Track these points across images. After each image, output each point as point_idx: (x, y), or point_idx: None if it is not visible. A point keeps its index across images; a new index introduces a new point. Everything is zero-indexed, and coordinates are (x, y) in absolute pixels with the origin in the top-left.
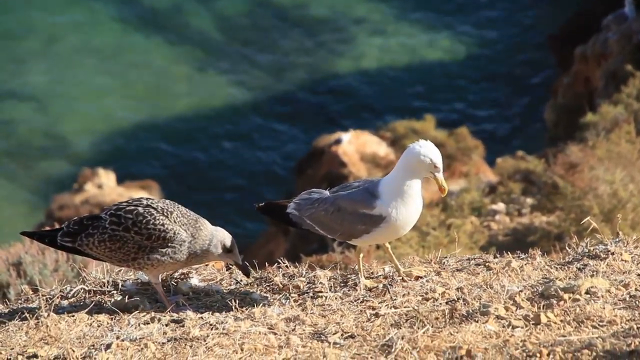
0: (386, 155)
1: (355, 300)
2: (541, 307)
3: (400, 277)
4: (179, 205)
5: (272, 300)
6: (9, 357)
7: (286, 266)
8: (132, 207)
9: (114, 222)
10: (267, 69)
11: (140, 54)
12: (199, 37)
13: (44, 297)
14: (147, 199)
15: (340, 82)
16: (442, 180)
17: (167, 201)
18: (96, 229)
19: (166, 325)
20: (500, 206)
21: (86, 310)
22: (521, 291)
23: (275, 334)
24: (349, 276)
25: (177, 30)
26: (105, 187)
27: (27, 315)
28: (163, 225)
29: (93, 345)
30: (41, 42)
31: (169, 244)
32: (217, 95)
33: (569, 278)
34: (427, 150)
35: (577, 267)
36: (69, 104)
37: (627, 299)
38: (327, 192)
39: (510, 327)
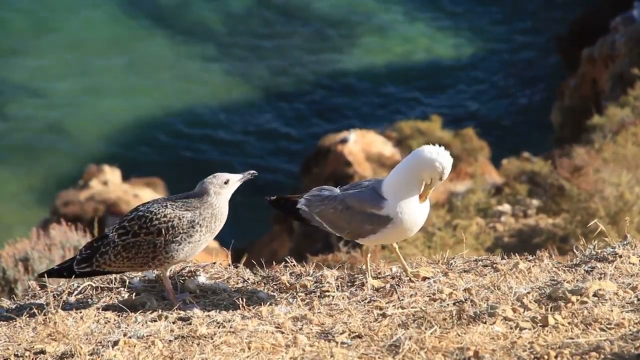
0: (392, 155)
1: (362, 300)
2: (549, 309)
3: (408, 278)
4: (167, 198)
5: (279, 299)
6: (16, 353)
7: (293, 265)
8: (132, 215)
9: (122, 234)
10: (272, 66)
11: (147, 51)
12: (205, 33)
13: (52, 293)
14: (142, 205)
15: (347, 80)
16: (431, 191)
17: (157, 198)
18: (108, 246)
19: (173, 323)
20: (506, 207)
21: (94, 307)
22: (529, 293)
23: (282, 332)
24: (356, 276)
25: (183, 27)
26: (111, 184)
27: (36, 311)
28: (165, 215)
29: (100, 342)
30: (48, 38)
31: (180, 230)
32: (223, 93)
33: (577, 280)
34: (443, 159)
35: (584, 270)
36: (76, 100)
37: (635, 302)
38: (337, 190)
39: (518, 328)
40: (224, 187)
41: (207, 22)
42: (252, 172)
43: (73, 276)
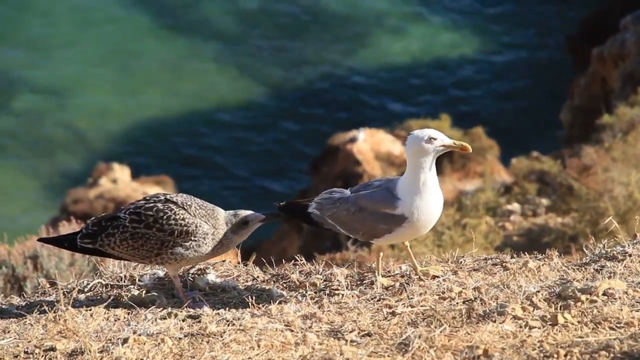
0: (401, 154)
1: (371, 299)
2: (558, 308)
3: (417, 276)
4: (195, 198)
5: (288, 297)
6: (26, 350)
7: (303, 263)
8: (152, 204)
9: (135, 220)
10: (283, 65)
11: (157, 49)
12: (216, 31)
13: (62, 291)
14: (163, 194)
15: (356, 79)
16: (455, 143)
17: (184, 194)
18: (116, 229)
19: (183, 321)
20: (515, 206)
21: (103, 304)
22: (538, 292)
23: (291, 331)
24: (365, 274)
25: (194, 25)
26: (120, 182)
27: (46, 309)
28: (184, 219)
29: (110, 340)
30: (59, 36)
31: (192, 238)
32: (233, 91)
33: (587, 279)
34: (421, 132)
35: (594, 269)
36: (85, 98)
37: None
38: (348, 192)
39: (528, 327)
40: (241, 227)
41: (216, 21)
42: (276, 213)
43: (74, 250)
